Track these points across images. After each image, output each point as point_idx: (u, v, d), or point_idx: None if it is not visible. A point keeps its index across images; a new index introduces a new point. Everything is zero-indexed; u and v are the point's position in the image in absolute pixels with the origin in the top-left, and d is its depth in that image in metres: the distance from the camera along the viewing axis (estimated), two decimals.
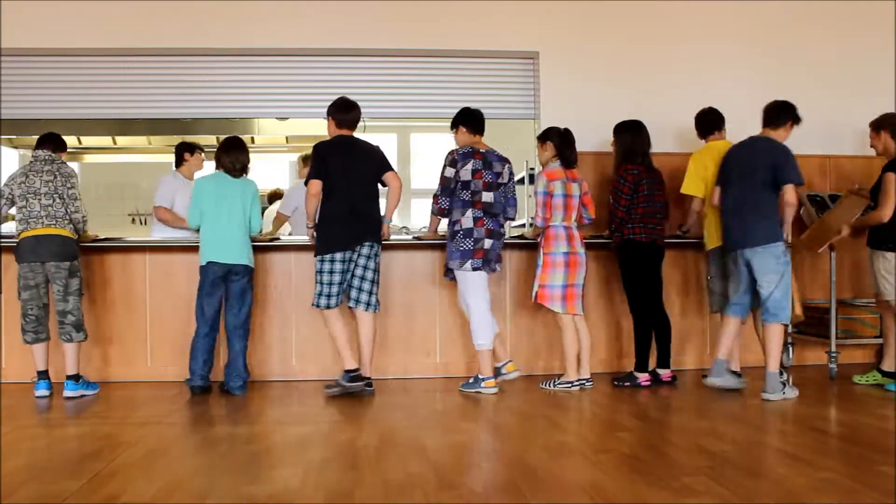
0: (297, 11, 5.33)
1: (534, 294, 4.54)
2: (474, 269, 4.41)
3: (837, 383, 4.74)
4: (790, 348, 5.41)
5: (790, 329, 5.17)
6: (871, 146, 4.75)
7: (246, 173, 4.65)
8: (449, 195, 4.49)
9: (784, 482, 2.69)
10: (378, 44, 5.40)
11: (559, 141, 4.57)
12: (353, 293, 4.45)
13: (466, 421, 3.90)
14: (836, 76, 5.60)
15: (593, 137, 5.22)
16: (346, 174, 4.38)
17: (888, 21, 5.65)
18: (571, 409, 4.16)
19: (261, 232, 4.71)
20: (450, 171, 4.48)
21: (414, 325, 5.13)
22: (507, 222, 4.69)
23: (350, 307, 4.49)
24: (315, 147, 4.52)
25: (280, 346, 5.04)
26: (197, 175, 5.27)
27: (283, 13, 5.32)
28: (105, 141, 7.05)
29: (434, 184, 4.63)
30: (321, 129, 6.72)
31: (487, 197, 4.46)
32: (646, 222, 4.62)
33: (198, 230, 4.56)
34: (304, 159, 5.78)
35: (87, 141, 7.00)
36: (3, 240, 4.79)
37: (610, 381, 4.80)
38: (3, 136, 6.41)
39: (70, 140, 6.94)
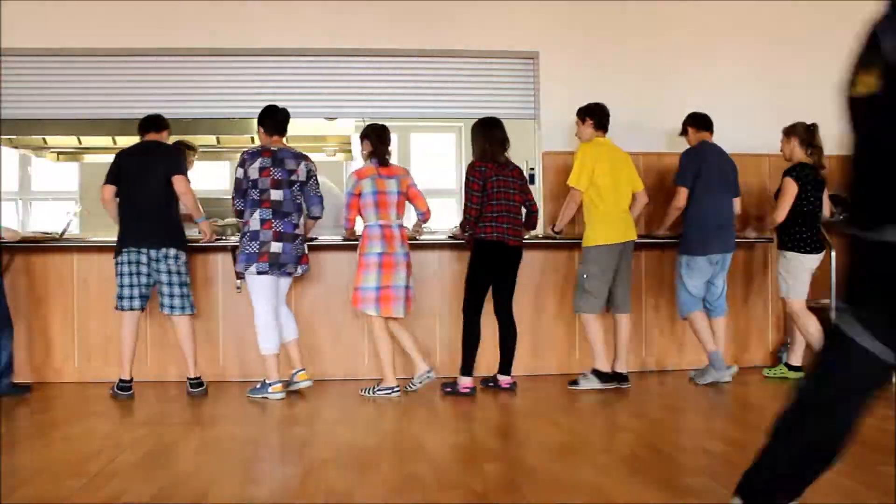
0: (297, 11, 5.33)
1: (351, 297, 4.48)
2: (259, 272, 4.31)
3: None
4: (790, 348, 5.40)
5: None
6: (781, 150, 4.88)
7: None
8: (242, 196, 4.41)
9: None
10: (378, 44, 5.39)
11: (375, 139, 4.50)
12: (160, 298, 4.45)
13: (466, 421, 3.90)
14: (836, 76, 5.58)
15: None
16: (136, 179, 4.41)
17: None
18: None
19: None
20: (239, 172, 4.40)
21: (414, 325, 5.12)
22: (315, 221, 4.60)
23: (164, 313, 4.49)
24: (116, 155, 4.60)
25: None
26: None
27: (284, 13, 5.32)
28: (105, 141, 7.04)
29: (433, 184, 4.64)
30: (321, 128, 6.77)
31: (276, 195, 4.35)
32: (499, 221, 4.46)
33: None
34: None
35: (87, 141, 6.98)
36: (2, 240, 4.79)
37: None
38: (3, 136, 6.40)
39: (70, 140, 6.95)
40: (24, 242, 4.86)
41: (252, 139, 7.34)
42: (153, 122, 4.62)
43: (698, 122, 4.89)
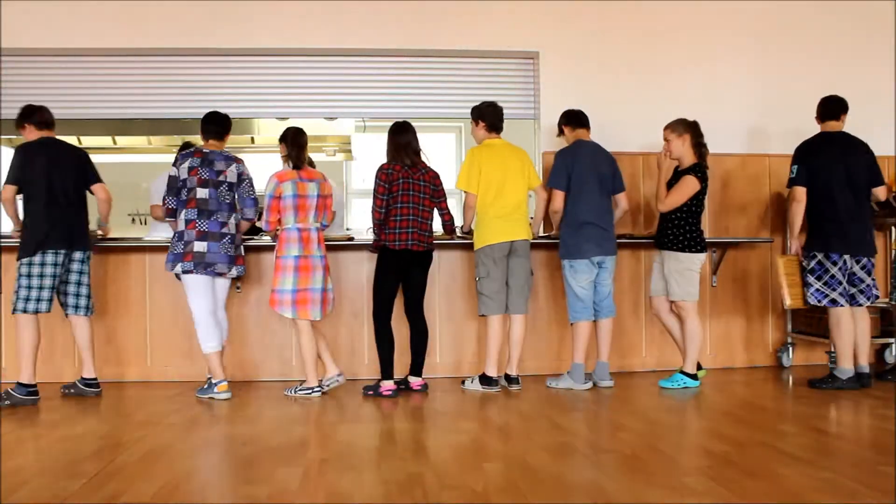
0: (298, 11, 5.33)
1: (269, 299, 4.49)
2: (185, 271, 4.33)
3: None
4: (790, 348, 5.41)
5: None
6: (667, 150, 4.67)
7: None
8: (175, 195, 4.43)
9: (784, 482, 2.69)
10: (378, 44, 5.40)
11: (289, 143, 4.51)
12: (64, 299, 4.45)
13: (466, 421, 3.90)
14: (836, 76, 5.59)
15: (593, 137, 5.21)
16: (51, 178, 4.37)
17: (888, 21, 5.65)
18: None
19: None
20: (173, 171, 4.44)
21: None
22: (249, 223, 4.61)
23: (67, 314, 4.49)
24: (17, 149, 4.51)
25: (279, 347, 5.04)
26: None
27: (284, 13, 5.32)
28: (105, 141, 7.05)
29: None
30: (321, 128, 6.78)
31: (202, 193, 4.38)
32: (403, 227, 4.44)
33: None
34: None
35: (87, 141, 6.99)
36: (2, 240, 4.79)
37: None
38: (3, 136, 6.41)
39: (70, 140, 6.95)
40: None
41: (252, 139, 7.38)
42: (48, 119, 4.55)
43: (572, 119, 4.78)
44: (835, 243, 4.52)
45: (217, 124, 4.58)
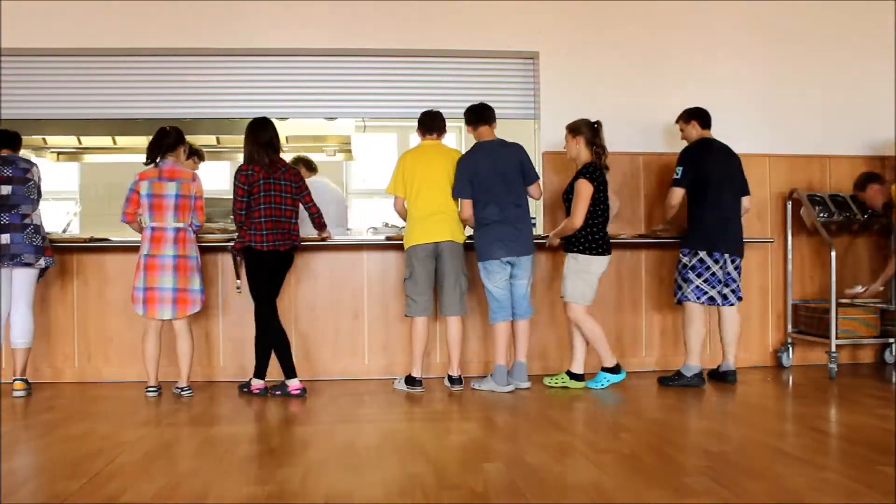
0: (297, 11, 5.33)
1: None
2: None
3: (837, 383, 4.74)
4: (790, 348, 5.41)
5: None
6: (565, 149, 4.72)
7: None
8: None
9: (784, 482, 2.69)
10: (378, 44, 5.39)
11: (152, 140, 4.58)
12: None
13: (466, 421, 3.90)
14: (836, 76, 5.60)
15: None
16: None
17: (888, 21, 5.64)
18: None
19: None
20: None
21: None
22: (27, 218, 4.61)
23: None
24: None
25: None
26: None
27: (283, 13, 5.32)
28: (105, 141, 7.04)
29: None
30: (321, 128, 6.77)
31: (5, 190, 4.48)
32: (268, 228, 4.38)
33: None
34: (304, 162, 5.81)
35: (87, 141, 6.98)
36: None
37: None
38: None
39: (70, 140, 6.96)
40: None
41: None
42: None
43: (471, 117, 4.68)
44: (719, 243, 4.68)
45: (10, 135, 4.69)
